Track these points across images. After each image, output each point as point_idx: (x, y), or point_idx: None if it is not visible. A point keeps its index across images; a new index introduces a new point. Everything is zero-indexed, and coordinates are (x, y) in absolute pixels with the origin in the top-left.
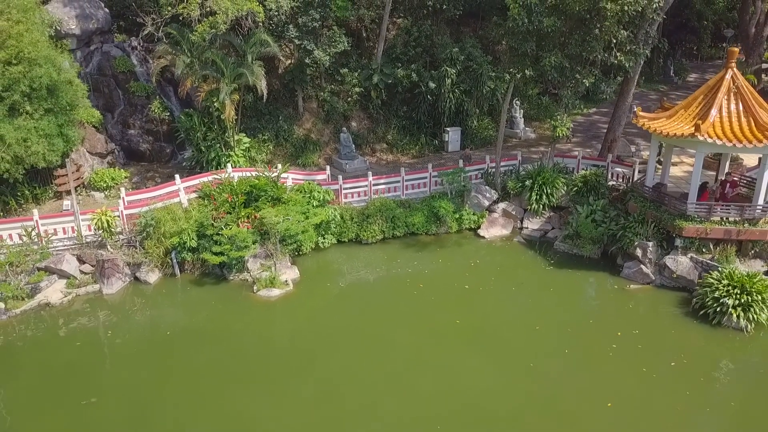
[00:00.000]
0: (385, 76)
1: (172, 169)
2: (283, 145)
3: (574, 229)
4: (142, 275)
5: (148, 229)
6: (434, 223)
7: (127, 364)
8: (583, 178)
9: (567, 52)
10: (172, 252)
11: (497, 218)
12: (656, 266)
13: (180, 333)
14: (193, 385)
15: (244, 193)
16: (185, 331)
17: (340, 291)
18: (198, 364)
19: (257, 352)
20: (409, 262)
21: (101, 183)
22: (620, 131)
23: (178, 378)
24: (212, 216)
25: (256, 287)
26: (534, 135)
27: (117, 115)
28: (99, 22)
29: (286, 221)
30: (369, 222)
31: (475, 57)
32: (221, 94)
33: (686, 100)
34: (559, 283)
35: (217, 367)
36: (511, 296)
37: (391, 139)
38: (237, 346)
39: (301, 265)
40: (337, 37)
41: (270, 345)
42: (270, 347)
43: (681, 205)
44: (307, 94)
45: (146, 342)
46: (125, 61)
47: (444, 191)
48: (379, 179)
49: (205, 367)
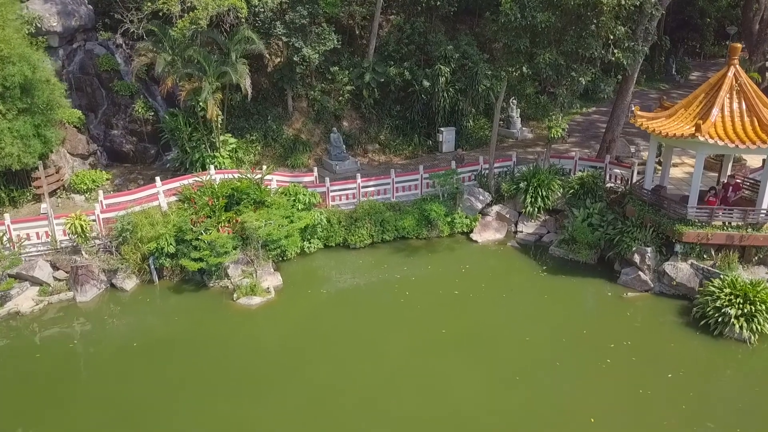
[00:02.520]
0: (377, 74)
1: (156, 170)
2: (272, 145)
3: (569, 233)
4: (118, 282)
5: (125, 234)
6: (425, 226)
7: (99, 374)
8: (579, 180)
9: (562, 49)
10: (149, 258)
11: (491, 222)
12: (655, 273)
13: (154, 342)
14: (169, 396)
15: (225, 196)
16: (160, 341)
17: (323, 299)
18: (172, 374)
19: (234, 363)
20: (397, 267)
21: (81, 185)
22: (619, 131)
23: (153, 389)
24: (192, 220)
25: (235, 295)
26: (531, 135)
27: (100, 115)
28: (82, 19)
29: (268, 226)
30: (357, 226)
31: (470, 55)
32: (203, 93)
33: (687, 99)
34: (553, 290)
35: (191, 378)
36: (501, 303)
37: (384, 139)
38: (213, 357)
39: (284, 271)
40: (327, 35)
41: (248, 356)
42: (248, 358)
43: (681, 209)
44: (297, 93)
45: (119, 352)
46: (109, 59)
47: (436, 194)
48: (368, 181)
49: (180, 378)
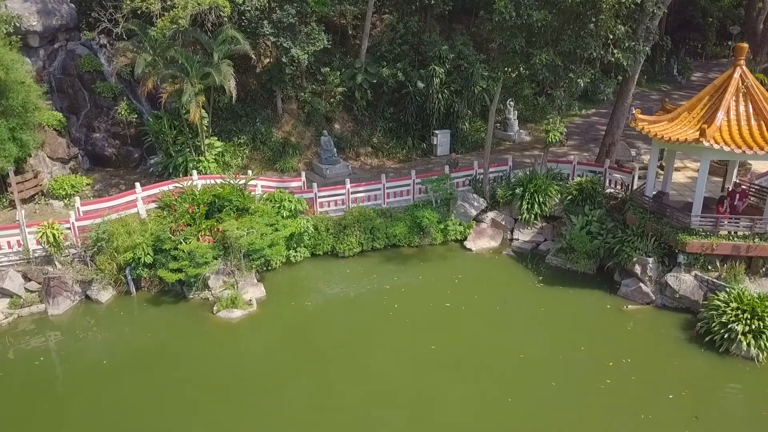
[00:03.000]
0: (370, 75)
1: (140, 175)
2: (261, 148)
3: (567, 241)
4: (93, 294)
5: (100, 243)
6: (417, 234)
7: (66, 393)
8: (578, 186)
9: (559, 49)
10: (126, 268)
11: (485, 229)
12: (657, 284)
13: (128, 359)
14: (143, 415)
15: (206, 203)
16: (133, 357)
17: (308, 311)
18: (147, 392)
19: (212, 380)
20: (387, 277)
21: (60, 191)
22: (619, 134)
23: (125, 408)
24: (171, 228)
25: (215, 308)
26: (529, 138)
27: (82, 118)
28: (63, 18)
29: (250, 235)
30: (346, 233)
31: (466, 55)
32: (185, 95)
33: (690, 102)
34: (550, 302)
35: (167, 395)
36: (495, 317)
37: (377, 142)
38: (191, 373)
39: (268, 281)
40: (316, 34)
41: (227, 372)
42: (227, 374)
43: (684, 218)
44: (287, 95)
45: (89, 368)
46: (92, 59)
47: (429, 199)
48: (358, 186)
49: (154, 396)
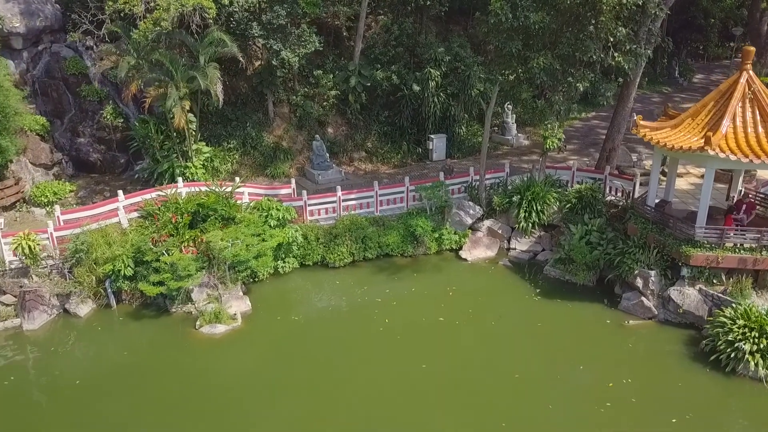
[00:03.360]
0: (364, 78)
1: (125, 181)
2: (251, 153)
3: (566, 252)
4: (71, 307)
5: (79, 254)
6: (411, 243)
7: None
8: (577, 194)
9: (558, 52)
10: (106, 281)
11: (481, 238)
12: (659, 298)
13: (105, 376)
14: None
15: (190, 213)
16: (111, 375)
17: (294, 327)
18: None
19: (193, 399)
20: (378, 289)
21: (42, 198)
22: (620, 139)
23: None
24: (153, 239)
25: (198, 322)
26: (527, 142)
27: (66, 122)
28: (48, 19)
29: (235, 246)
30: (337, 243)
31: (462, 57)
32: (169, 100)
33: (694, 107)
34: (547, 317)
35: (145, 415)
36: (490, 333)
37: (371, 146)
38: (170, 391)
39: (255, 293)
40: (308, 36)
41: (208, 390)
42: (208, 393)
43: (688, 229)
44: (278, 98)
45: (64, 386)
46: (77, 62)
47: (423, 207)
48: (350, 194)
49: (132, 416)
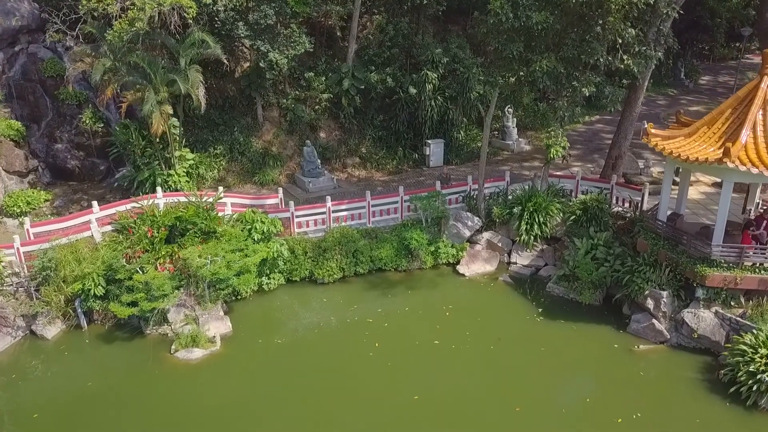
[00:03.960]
0: (358, 80)
1: (105, 189)
2: (239, 160)
3: (570, 268)
4: (38, 329)
5: (46, 272)
6: (405, 257)
7: None
8: (582, 205)
9: (562, 54)
10: (75, 300)
11: (480, 251)
12: (672, 321)
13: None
14: None
15: (167, 226)
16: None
17: (276, 351)
18: None
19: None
20: (370, 308)
21: (15, 208)
22: (626, 146)
23: None
24: (126, 255)
25: (174, 346)
26: (529, 147)
27: (43, 127)
28: (24, 18)
29: (214, 263)
30: (326, 257)
31: (461, 59)
32: (146, 104)
33: (710, 115)
34: (550, 340)
35: None
36: (488, 359)
37: (365, 152)
38: (141, 421)
39: (237, 313)
40: (297, 37)
41: (180, 423)
42: (182, 424)
43: (704, 246)
44: (268, 102)
45: (22, 417)
46: (55, 63)
47: (418, 218)
48: (340, 204)
49: None
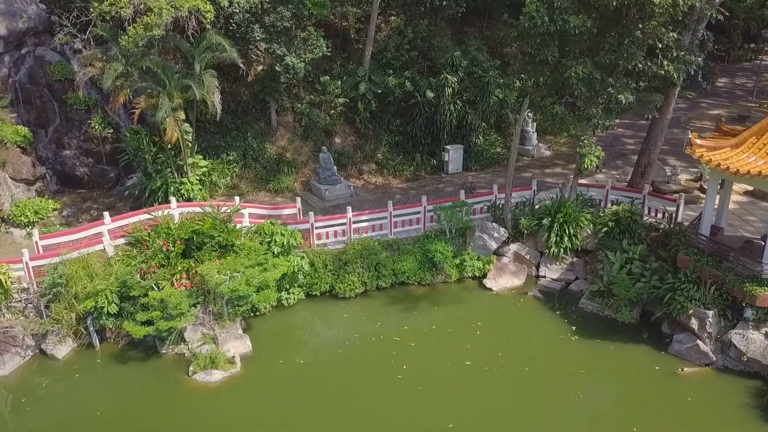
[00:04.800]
0: (374, 84)
1: (115, 198)
2: (252, 166)
3: (605, 283)
4: (48, 348)
5: (57, 289)
6: (429, 270)
7: None
8: (614, 216)
9: (598, 60)
10: (87, 318)
11: (507, 264)
12: (718, 343)
13: None
14: None
15: (183, 240)
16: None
17: (298, 373)
18: None
19: None
20: (395, 325)
21: (22, 217)
22: (657, 153)
23: None
24: (141, 270)
25: (192, 368)
26: (549, 152)
27: (51, 133)
28: (31, 20)
29: (233, 280)
30: (347, 270)
31: (480, 62)
32: (160, 111)
33: (759, 125)
34: (588, 362)
35: None
36: (524, 382)
37: (382, 158)
38: None
39: (256, 330)
40: (314, 40)
41: None
42: None
43: (753, 264)
44: (282, 106)
45: None
46: (63, 67)
47: (441, 228)
48: (361, 215)
49: None
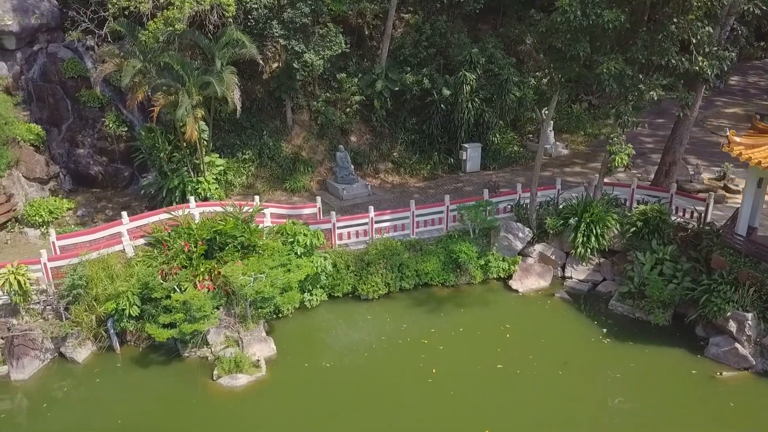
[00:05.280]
0: (392, 82)
1: (130, 197)
2: (268, 165)
3: (636, 285)
4: (68, 351)
5: (76, 290)
6: (453, 271)
7: None
8: (642, 215)
9: (631, 55)
10: (108, 320)
11: (532, 265)
12: (757, 346)
13: None
14: None
15: (205, 240)
16: None
17: (325, 377)
18: None
19: None
20: (421, 327)
21: (36, 217)
22: (682, 152)
23: None
24: (162, 272)
25: (216, 372)
26: (566, 151)
27: (64, 131)
28: (44, 16)
29: (258, 282)
30: (369, 271)
31: (497, 59)
32: (180, 108)
33: None
34: (623, 365)
35: None
36: (559, 385)
37: (398, 157)
38: None
39: (279, 332)
40: (333, 36)
41: None
42: None
43: None
44: (298, 104)
45: None
46: (76, 64)
47: (464, 228)
48: (383, 215)
49: None
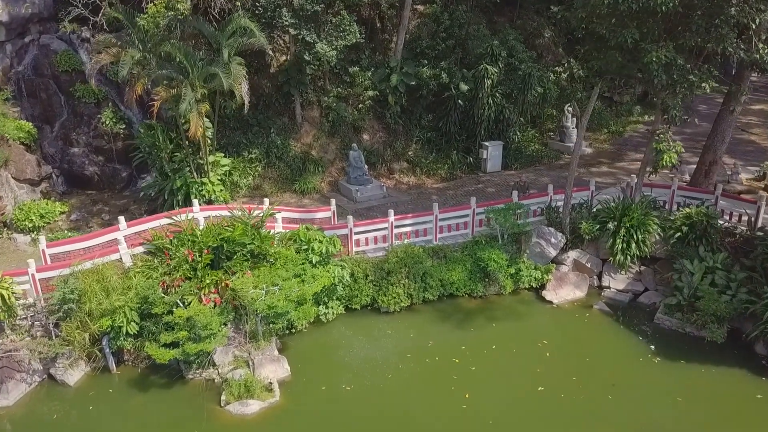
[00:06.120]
0: (407, 76)
1: (128, 200)
2: (276, 165)
3: (686, 296)
4: (58, 373)
5: (68, 305)
6: (481, 280)
7: None
8: (687, 219)
9: (682, 42)
10: (102, 338)
11: (567, 274)
12: None
13: None
14: None
15: (211, 248)
16: None
17: (346, 402)
18: None
19: None
20: (449, 345)
21: (26, 222)
22: (723, 150)
23: None
24: (163, 283)
25: (224, 397)
26: (590, 150)
27: (57, 128)
28: (35, 5)
29: (270, 295)
30: (390, 281)
31: (517, 53)
32: (183, 103)
33: None
34: (678, 388)
35: None
36: (610, 412)
37: (413, 156)
38: None
39: (292, 350)
40: (347, 26)
41: None
42: None
43: None
44: (307, 100)
45: None
46: (70, 56)
47: (491, 233)
48: (404, 219)
49: None
